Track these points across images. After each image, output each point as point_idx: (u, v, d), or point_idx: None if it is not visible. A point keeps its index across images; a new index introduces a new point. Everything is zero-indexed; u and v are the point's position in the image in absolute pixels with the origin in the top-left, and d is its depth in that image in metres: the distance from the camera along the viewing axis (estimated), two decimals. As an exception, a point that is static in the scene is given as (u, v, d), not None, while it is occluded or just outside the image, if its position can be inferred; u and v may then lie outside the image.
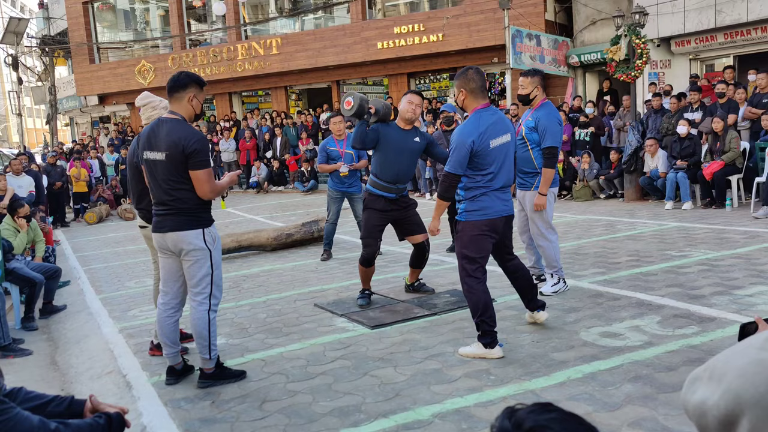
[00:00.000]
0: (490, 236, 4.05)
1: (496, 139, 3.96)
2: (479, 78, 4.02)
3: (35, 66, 31.15)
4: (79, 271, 8.62)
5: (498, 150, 3.98)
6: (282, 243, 8.59)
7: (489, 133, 3.92)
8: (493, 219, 4.03)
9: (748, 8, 12.35)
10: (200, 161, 3.70)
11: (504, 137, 4.02)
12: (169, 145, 3.67)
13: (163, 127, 3.75)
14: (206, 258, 3.81)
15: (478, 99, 4.02)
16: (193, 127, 3.80)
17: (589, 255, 6.77)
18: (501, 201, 4.06)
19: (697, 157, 9.84)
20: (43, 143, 28.83)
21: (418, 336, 4.53)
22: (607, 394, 3.33)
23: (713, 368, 1.13)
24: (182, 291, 4.01)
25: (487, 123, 3.93)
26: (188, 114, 3.83)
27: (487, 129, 3.92)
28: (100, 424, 2.16)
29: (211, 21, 22.73)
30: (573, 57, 15.20)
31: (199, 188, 3.73)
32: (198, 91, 3.84)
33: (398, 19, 17.65)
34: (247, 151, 17.98)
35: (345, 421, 3.28)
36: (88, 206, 15.48)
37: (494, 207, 4.02)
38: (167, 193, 3.76)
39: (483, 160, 3.94)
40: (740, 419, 1.03)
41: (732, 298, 4.80)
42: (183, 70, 3.99)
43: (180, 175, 3.71)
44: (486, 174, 3.98)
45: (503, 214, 4.08)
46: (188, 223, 3.76)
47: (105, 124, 25.07)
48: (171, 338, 3.99)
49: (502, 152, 4.02)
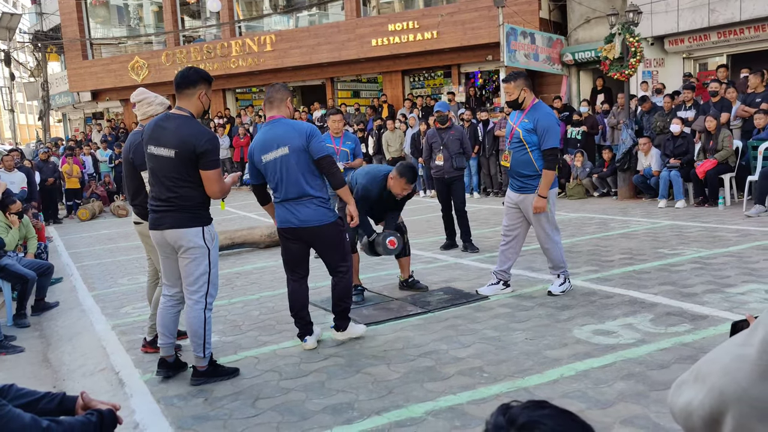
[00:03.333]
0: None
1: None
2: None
3: (28, 62, 30.99)
4: (71, 267, 8.58)
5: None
6: (275, 240, 8.57)
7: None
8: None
9: (741, 7, 12.39)
10: (212, 161, 3.70)
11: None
12: (179, 143, 3.65)
13: (172, 122, 3.72)
14: (204, 256, 3.80)
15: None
16: (203, 125, 3.79)
17: (582, 253, 6.79)
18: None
19: (690, 156, 9.88)
20: (35, 139, 28.68)
21: (412, 333, 4.54)
22: (600, 391, 3.34)
23: (698, 370, 1.13)
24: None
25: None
26: (197, 110, 3.83)
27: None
28: (92, 421, 2.14)
29: (204, 17, 22.65)
30: (567, 55, 15.22)
31: (209, 187, 3.73)
32: (207, 87, 3.85)
33: (393, 17, 17.63)
34: (240, 148, 17.93)
35: (338, 418, 3.28)
36: (80, 203, 15.42)
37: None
38: (170, 190, 3.73)
39: None
40: (725, 416, 1.03)
41: (724, 296, 4.82)
42: (191, 66, 3.97)
43: (187, 173, 3.70)
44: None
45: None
46: (189, 220, 3.75)
47: (98, 121, 24.94)
48: (170, 329, 3.98)
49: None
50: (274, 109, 4.26)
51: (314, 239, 4.26)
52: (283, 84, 4.45)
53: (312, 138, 4.12)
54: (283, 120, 4.22)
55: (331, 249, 4.31)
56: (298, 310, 4.38)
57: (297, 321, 4.41)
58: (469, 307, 5.09)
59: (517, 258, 5.47)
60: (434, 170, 7.67)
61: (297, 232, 4.22)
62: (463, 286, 5.72)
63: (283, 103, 4.26)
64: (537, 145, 5.08)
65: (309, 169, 4.13)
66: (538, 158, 5.10)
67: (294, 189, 4.13)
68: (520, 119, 5.17)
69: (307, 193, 4.14)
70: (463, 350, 4.11)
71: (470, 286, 5.68)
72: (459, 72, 17.56)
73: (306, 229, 4.19)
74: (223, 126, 18.90)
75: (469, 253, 7.23)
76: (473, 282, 5.82)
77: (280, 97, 4.25)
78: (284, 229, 4.27)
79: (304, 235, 4.22)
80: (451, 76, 17.78)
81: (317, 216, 4.16)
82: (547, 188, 5.07)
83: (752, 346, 1.03)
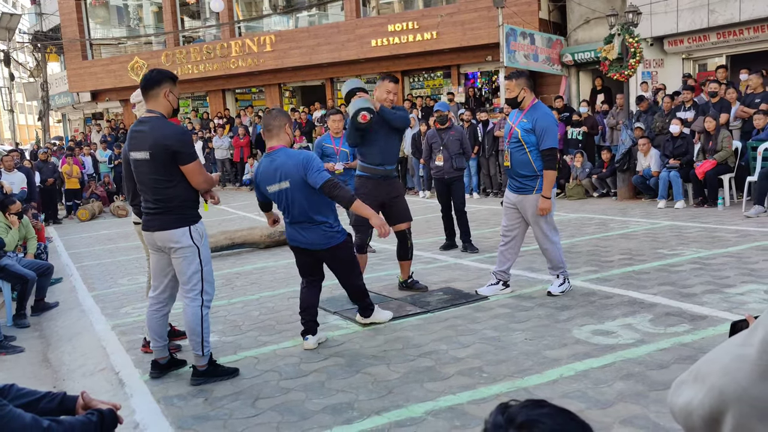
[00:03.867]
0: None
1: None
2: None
3: (27, 62, 30.97)
4: (71, 268, 8.59)
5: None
6: (275, 240, 8.58)
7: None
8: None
9: (741, 8, 12.41)
10: (187, 155, 3.72)
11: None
12: (152, 144, 3.69)
13: (145, 125, 3.78)
14: (194, 255, 3.83)
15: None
16: (173, 123, 3.81)
17: (582, 253, 6.79)
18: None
19: (689, 156, 9.88)
20: (35, 139, 28.68)
21: (412, 333, 4.54)
22: (600, 391, 3.34)
23: (698, 370, 1.14)
24: (171, 285, 4.02)
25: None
26: (166, 109, 3.85)
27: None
28: (92, 421, 2.14)
29: (204, 18, 22.65)
30: (567, 56, 15.23)
31: (192, 180, 3.77)
32: (172, 85, 3.86)
33: (392, 17, 17.64)
34: (240, 148, 17.94)
35: (338, 418, 3.28)
36: (80, 203, 15.42)
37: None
38: (154, 192, 3.79)
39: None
40: (725, 416, 1.04)
41: (723, 297, 4.82)
42: (154, 68, 4.01)
43: (166, 173, 3.73)
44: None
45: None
46: (175, 221, 3.78)
47: (97, 121, 24.93)
48: (158, 332, 4.02)
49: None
50: (273, 138, 4.29)
51: (323, 257, 4.42)
52: (280, 110, 4.49)
53: (308, 170, 4.13)
54: (282, 150, 4.25)
55: (340, 266, 4.46)
56: (306, 308, 4.44)
57: (303, 318, 4.44)
58: (468, 307, 5.09)
59: (516, 258, 5.47)
60: (434, 170, 7.67)
61: (306, 251, 4.38)
62: (462, 287, 5.72)
63: (282, 130, 4.28)
64: (535, 146, 5.07)
65: (312, 197, 4.20)
66: (537, 158, 5.09)
67: (300, 216, 4.26)
68: (519, 119, 5.17)
69: (312, 219, 4.25)
70: (462, 350, 4.12)
71: (470, 286, 5.69)
72: (459, 72, 17.58)
73: (314, 251, 4.35)
74: (223, 126, 18.89)
75: (469, 254, 7.24)
76: (473, 282, 5.83)
77: (277, 124, 4.27)
78: (293, 246, 4.44)
79: (313, 253, 4.38)
80: (451, 76, 17.79)
81: (324, 240, 4.30)
82: (550, 188, 5.06)
83: (752, 346, 1.03)
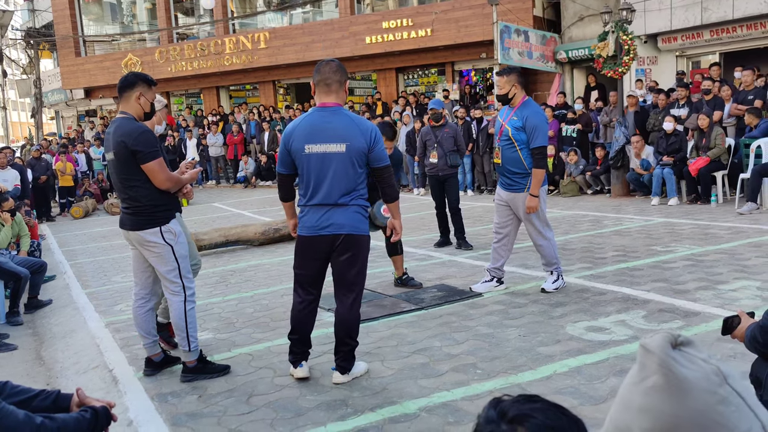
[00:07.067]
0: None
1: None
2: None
3: (20, 59, 30.78)
4: (65, 265, 8.56)
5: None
6: (269, 238, 8.57)
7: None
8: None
9: (734, 5, 12.44)
10: (147, 153, 3.69)
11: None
12: (115, 144, 3.72)
13: (112, 126, 3.81)
14: (169, 253, 3.84)
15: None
16: (138, 122, 3.80)
17: (575, 250, 6.81)
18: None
19: (683, 153, 9.92)
20: (28, 136, 28.56)
21: (406, 330, 4.55)
22: (593, 387, 3.36)
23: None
24: (151, 282, 4.03)
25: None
26: (137, 112, 3.85)
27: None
28: (86, 418, 2.15)
29: (198, 14, 22.57)
30: (561, 53, 15.24)
31: (154, 179, 3.75)
32: (146, 89, 3.86)
33: (387, 14, 17.62)
34: (234, 145, 17.90)
35: (332, 415, 3.29)
36: (74, 200, 15.37)
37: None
38: (123, 192, 3.82)
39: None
40: None
41: (716, 293, 4.85)
42: (132, 71, 4.01)
43: (130, 172, 3.74)
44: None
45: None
46: (145, 222, 3.79)
47: (91, 118, 24.83)
48: (145, 329, 4.03)
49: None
50: (332, 93, 3.57)
51: (341, 248, 3.61)
52: (339, 63, 3.65)
53: (377, 143, 3.54)
54: (343, 110, 3.58)
55: (352, 262, 3.65)
56: (300, 335, 3.77)
57: (295, 346, 3.78)
58: (462, 304, 5.10)
59: (509, 255, 5.48)
60: (428, 168, 7.67)
61: (325, 241, 3.60)
62: (456, 283, 5.73)
63: (342, 87, 3.60)
64: (526, 143, 5.08)
65: (357, 174, 3.55)
66: (527, 156, 5.10)
67: (336, 193, 3.54)
68: (510, 116, 5.17)
69: (346, 201, 3.57)
70: (456, 347, 4.13)
71: (464, 283, 5.70)
72: (453, 70, 17.58)
73: (336, 237, 3.58)
74: (217, 123, 18.85)
75: (463, 251, 7.25)
76: (467, 279, 5.84)
77: (338, 79, 3.56)
78: (308, 239, 3.64)
79: (332, 243, 3.60)
80: (445, 73, 17.78)
81: (353, 222, 3.59)
82: (538, 187, 5.06)
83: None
